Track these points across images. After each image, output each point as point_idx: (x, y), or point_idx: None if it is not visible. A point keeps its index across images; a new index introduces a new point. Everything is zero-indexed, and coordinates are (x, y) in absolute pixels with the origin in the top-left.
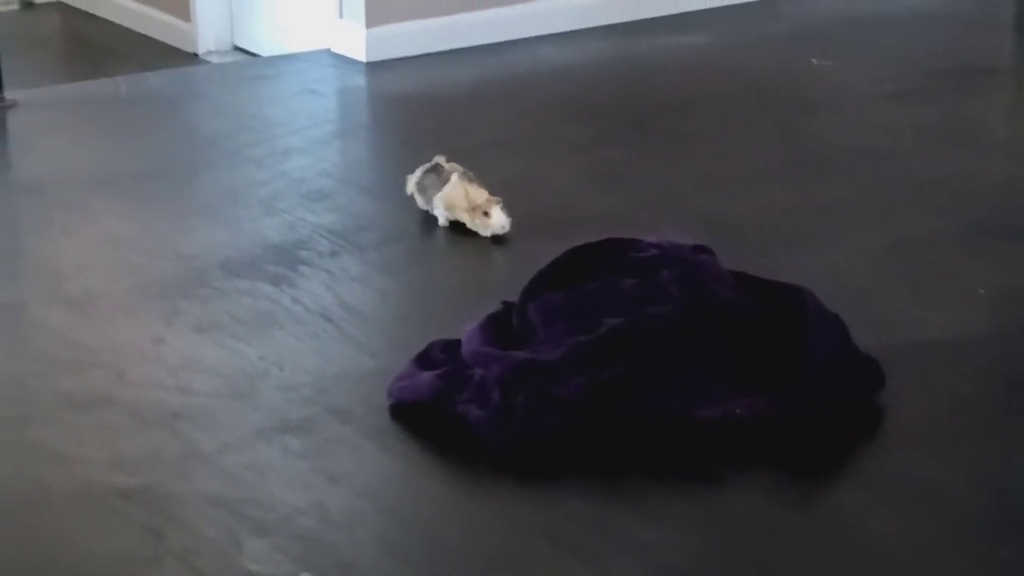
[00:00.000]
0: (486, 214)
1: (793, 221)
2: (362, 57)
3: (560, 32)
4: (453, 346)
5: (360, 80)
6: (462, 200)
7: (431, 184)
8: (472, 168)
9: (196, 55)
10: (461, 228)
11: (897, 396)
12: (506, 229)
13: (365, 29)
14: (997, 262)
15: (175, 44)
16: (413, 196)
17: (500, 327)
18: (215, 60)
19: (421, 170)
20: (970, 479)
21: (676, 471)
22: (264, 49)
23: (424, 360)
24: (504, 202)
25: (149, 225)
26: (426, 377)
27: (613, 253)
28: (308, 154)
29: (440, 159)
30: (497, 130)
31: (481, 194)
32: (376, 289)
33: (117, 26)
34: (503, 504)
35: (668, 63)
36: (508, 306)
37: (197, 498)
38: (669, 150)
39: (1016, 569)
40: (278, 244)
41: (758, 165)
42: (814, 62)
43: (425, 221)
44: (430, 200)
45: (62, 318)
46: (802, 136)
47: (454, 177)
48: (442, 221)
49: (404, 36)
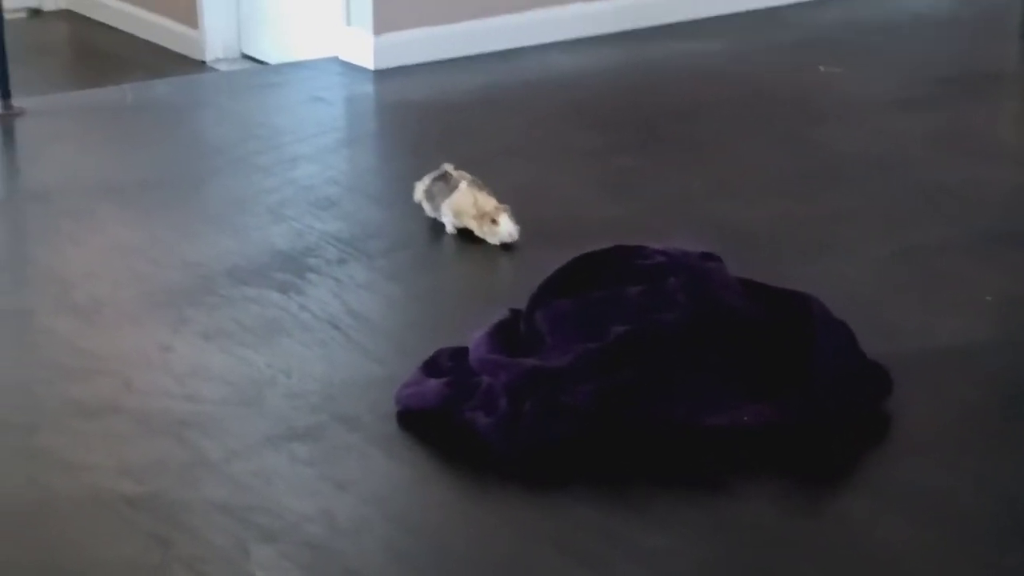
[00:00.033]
0: (494, 222)
1: (802, 229)
2: (370, 65)
3: (570, 39)
4: (460, 353)
5: (368, 88)
6: (471, 207)
7: (439, 191)
8: (481, 175)
9: (204, 63)
10: (469, 236)
11: (905, 404)
12: (514, 237)
13: (373, 36)
14: (1006, 270)
15: (183, 52)
16: (421, 204)
17: (507, 334)
18: (223, 68)
19: (429, 177)
20: (978, 487)
21: (683, 478)
22: (272, 57)
23: (431, 367)
24: (513, 209)
25: (156, 233)
26: (433, 384)
27: (620, 261)
28: (316, 162)
29: (448, 167)
30: (506, 137)
31: (490, 202)
32: (384, 296)
33: (125, 34)
34: (510, 511)
35: (677, 70)
36: (515, 313)
37: (204, 505)
38: (679, 157)
39: None
40: (286, 252)
41: (767, 173)
42: (822, 69)
43: (433, 228)
44: (438, 207)
45: (69, 326)
46: (811, 144)
47: (463, 184)
48: (450, 228)
49: (412, 43)
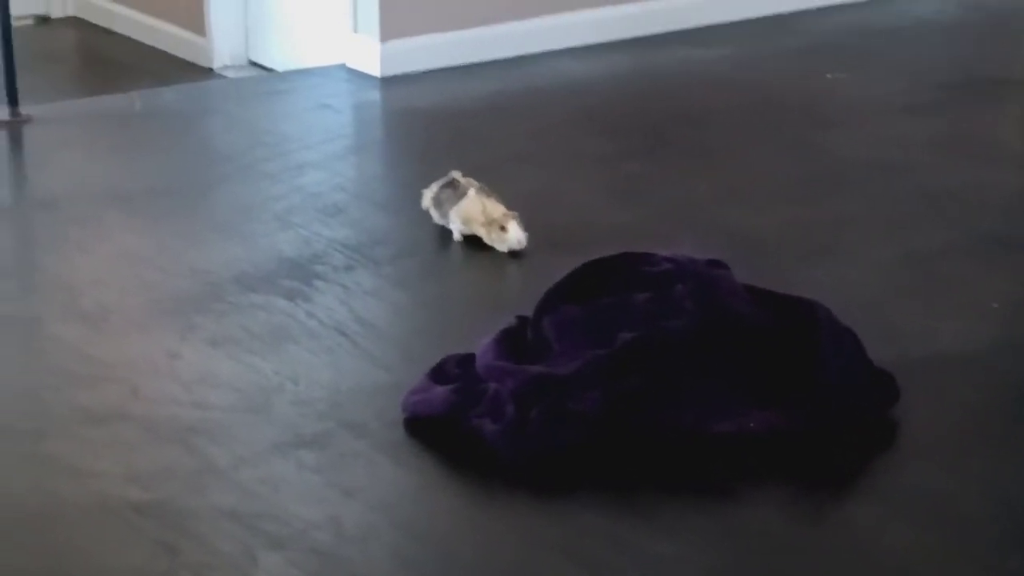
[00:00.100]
0: (503, 229)
1: (808, 234)
2: (377, 72)
3: (577, 46)
4: (468, 360)
5: (375, 95)
6: (479, 214)
7: (447, 199)
8: (489, 182)
9: (211, 70)
10: (477, 243)
11: (910, 408)
12: (523, 244)
13: (380, 44)
14: (1010, 273)
15: (190, 59)
16: (428, 211)
17: (515, 341)
18: (230, 75)
19: (437, 185)
20: (983, 491)
21: (690, 485)
22: (279, 64)
23: (438, 374)
24: (521, 216)
25: (163, 240)
26: (440, 391)
27: (627, 267)
28: (323, 169)
29: (456, 174)
30: (514, 144)
31: (498, 209)
32: (391, 303)
33: (132, 41)
34: (518, 518)
35: (685, 77)
36: (523, 320)
37: (212, 512)
38: (687, 163)
39: None
40: (293, 259)
41: (774, 178)
42: (829, 76)
43: (440, 236)
44: (446, 214)
45: (77, 333)
46: (817, 149)
47: (471, 191)
48: (457, 236)
49: (419, 50)
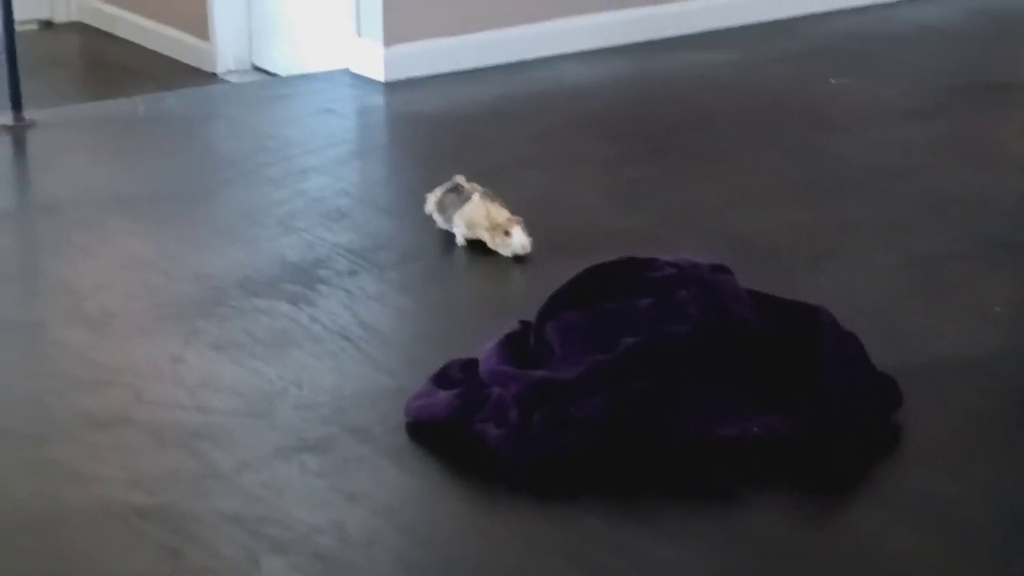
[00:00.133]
0: (507, 233)
1: (811, 238)
2: (380, 76)
3: (580, 51)
4: (471, 365)
5: (378, 99)
6: (483, 219)
7: (451, 203)
8: (493, 187)
9: (215, 75)
10: (481, 247)
11: (913, 413)
12: (527, 249)
13: (383, 48)
14: (1013, 278)
15: (194, 64)
16: (432, 215)
17: (517, 346)
18: (234, 80)
19: (441, 189)
20: (987, 496)
21: (693, 490)
22: (282, 68)
23: (442, 379)
24: (525, 221)
25: (167, 245)
26: (443, 396)
27: (630, 272)
28: (326, 173)
29: (460, 179)
30: (518, 149)
31: (502, 213)
32: (394, 308)
33: (136, 46)
34: (520, 523)
35: (688, 82)
36: (526, 325)
37: (215, 517)
38: (690, 168)
39: None
40: (296, 263)
41: (777, 183)
42: (833, 81)
43: (444, 240)
44: (450, 219)
45: (80, 337)
46: (820, 154)
47: (476, 196)
48: (460, 240)
49: (422, 55)
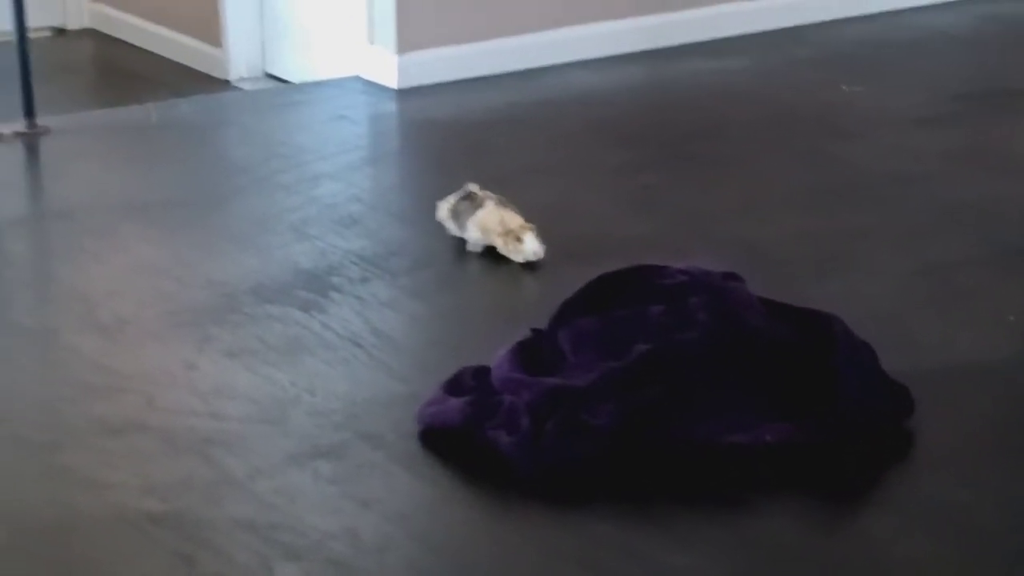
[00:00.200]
0: (519, 240)
1: (823, 246)
2: (393, 84)
3: (593, 58)
4: (483, 372)
5: (391, 106)
6: (496, 225)
7: (464, 210)
8: (505, 194)
9: (227, 82)
10: (493, 254)
11: (926, 420)
12: (539, 256)
13: (396, 56)
14: None
15: (206, 71)
16: (444, 223)
17: (530, 353)
18: (246, 87)
19: (454, 197)
20: (999, 503)
21: (705, 496)
22: (295, 76)
23: (454, 386)
24: (537, 227)
25: (180, 252)
26: (455, 403)
27: (642, 280)
28: (339, 180)
29: (473, 186)
30: (530, 156)
31: (515, 220)
32: (407, 315)
33: (148, 53)
34: (533, 529)
35: (700, 89)
36: (538, 332)
37: (228, 523)
38: (702, 175)
39: None
40: (309, 270)
41: (790, 190)
42: (844, 88)
43: (456, 247)
44: (463, 226)
45: (93, 344)
46: (832, 161)
47: (489, 203)
48: (472, 246)
49: (435, 63)
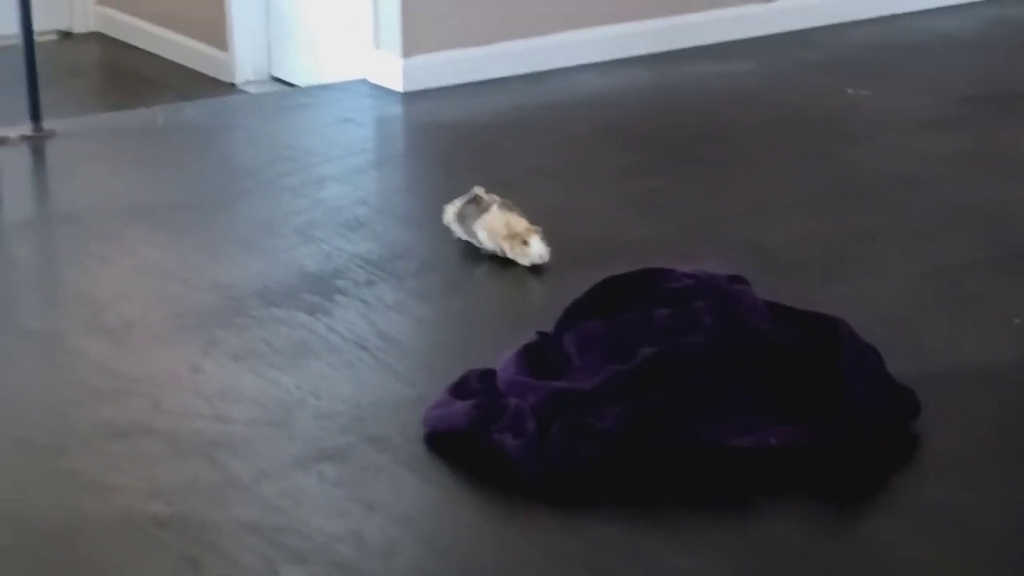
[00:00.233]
0: (525, 243)
1: (830, 249)
2: (399, 87)
3: (599, 61)
4: (489, 375)
5: (397, 109)
6: (502, 228)
7: (470, 214)
8: (511, 197)
9: (234, 85)
10: (500, 257)
11: (932, 423)
12: (545, 259)
13: (402, 59)
14: None
15: (213, 74)
16: (450, 226)
17: (536, 356)
18: (252, 90)
19: (460, 201)
20: (1005, 506)
21: (711, 499)
22: (301, 79)
23: (460, 389)
24: (544, 230)
25: (186, 255)
26: (461, 406)
27: (648, 283)
28: (345, 183)
29: (479, 190)
30: (536, 159)
31: (521, 223)
32: (413, 318)
33: (155, 56)
34: (539, 532)
35: (707, 92)
36: (544, 336)
37: (234, 526)
38: (709, 178)
39: None
40: (315, 273)
41: (796, 193)
42: (851, 92)
43: (462, 250)
44: (469, 229)
45: (99, 347)
46: (839, 164)
47: (494, 207)
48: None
49: (441, 66)
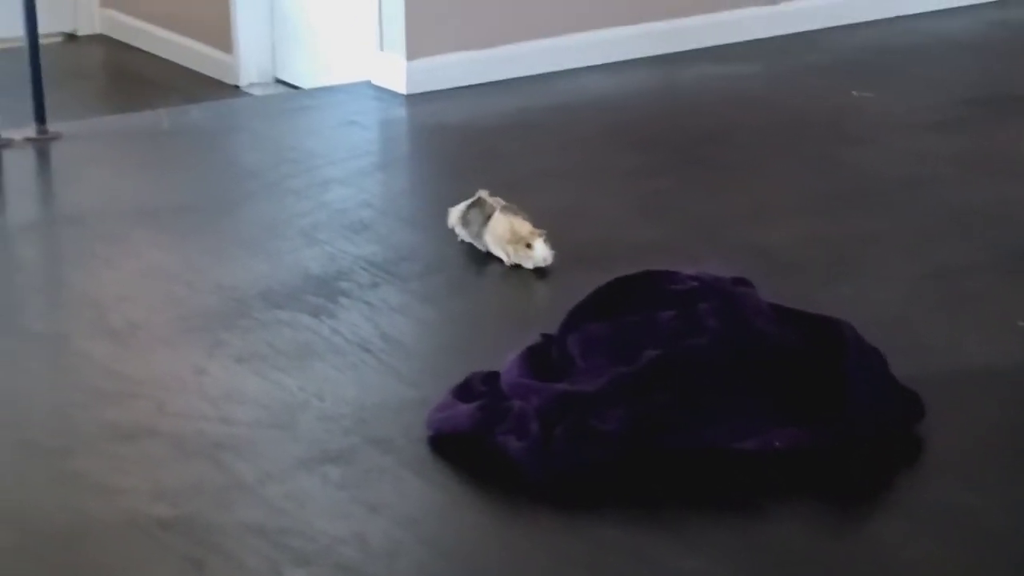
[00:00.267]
0: (529, 246)
1: (833, 250)
2: (403, 89)
3: (604, 63)
4: (493, 377)
5: (401, 112)
6: (506, 232)
7: (475, 218)
8: (515, 199)
9: (238, 87)
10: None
11: (936, 425)
12: (548, 262)
13: (406, 61)
14: None
15: (217, 76)
16: (454, 229)
17: (540, 358)
18: (257, 92)
19: (464, 205)
20: (1007, 507)
21: (715, 501)
22: (305, 81)
23: (463, 391)
24: (548, 233)
25: (190, 257)
26: (465, 408)
27: (652, 285)
28: (349, 185)
29: (483, 193)
30: (541, 161)
31: (525, 226)
32: (417, 320)
33: (159, 59)
34: (543, 534)
35: (711, 94)
36: (548, 338)
37: (238, 528)
38: (713, 180)
39: None
40: (319, 275)
41: (799, 195)
42: (855, 94)
43: (466, 253)
44: (474, 233)
45: (104, 349)
46: (842, 166)
47: (498, 211)
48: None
49: (445, 68)
